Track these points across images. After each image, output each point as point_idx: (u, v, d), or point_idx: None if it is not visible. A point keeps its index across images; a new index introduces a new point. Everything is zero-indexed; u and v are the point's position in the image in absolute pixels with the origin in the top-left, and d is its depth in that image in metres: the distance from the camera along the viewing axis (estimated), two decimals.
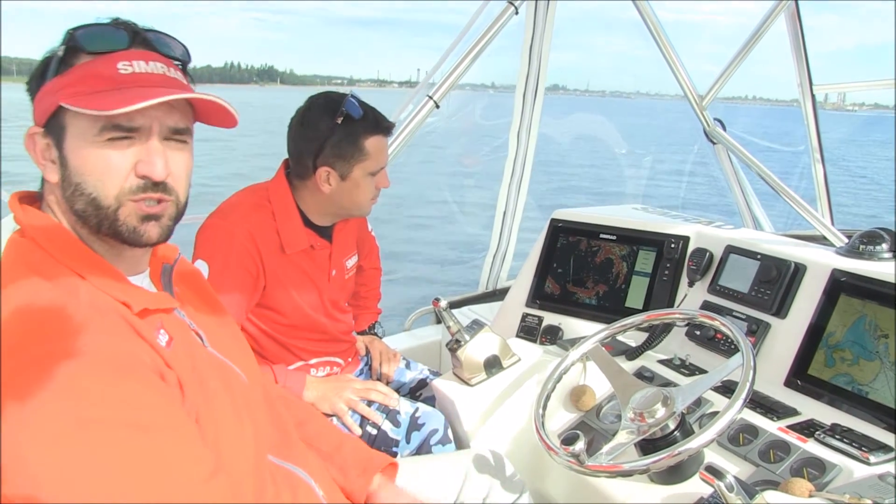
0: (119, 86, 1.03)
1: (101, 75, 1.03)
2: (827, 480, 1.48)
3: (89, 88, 1.02)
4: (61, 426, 0.85)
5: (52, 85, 1.04)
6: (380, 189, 2.06)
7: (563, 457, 1.49)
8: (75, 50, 1.05)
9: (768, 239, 2.30)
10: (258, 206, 1.97)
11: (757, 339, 1.99)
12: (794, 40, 3.57)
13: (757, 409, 1.77)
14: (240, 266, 1.89)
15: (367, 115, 1.95)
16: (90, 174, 1.04)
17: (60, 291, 0.98)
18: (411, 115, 2.98)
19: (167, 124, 1.07)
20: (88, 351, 0.90)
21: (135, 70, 1.04)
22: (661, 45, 3.31)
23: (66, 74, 1.04)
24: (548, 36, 3.25)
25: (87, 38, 1.05)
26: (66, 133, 1.04)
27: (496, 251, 3.70)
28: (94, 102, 0.99)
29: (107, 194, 1.04)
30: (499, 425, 1.96)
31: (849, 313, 1.83)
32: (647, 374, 2.02)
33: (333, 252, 2.12)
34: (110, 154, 1.03)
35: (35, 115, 1.07)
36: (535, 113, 3.41)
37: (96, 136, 1.02)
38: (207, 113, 1.13)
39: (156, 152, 1.05)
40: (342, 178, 1.97)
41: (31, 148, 1.08)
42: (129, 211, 1.06)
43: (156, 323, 1.08)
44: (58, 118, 1.04)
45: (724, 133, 3.63)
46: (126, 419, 0.90)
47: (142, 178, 1.05)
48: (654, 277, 2.40)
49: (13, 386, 0.86)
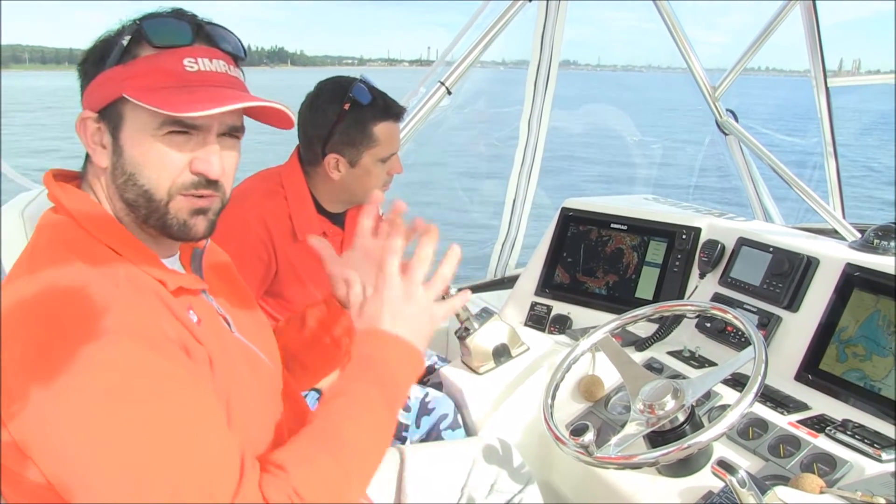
0: (185, 83, 1.03)
1: (167, 71, 1.03)
2: (838, 477, 1.47)
3: (156, 83, 1.02)
4: (87, 398, 0.86)
5: (116, 73, 1.03)
6: (392, 175, 2.04)
7: (572, 447, 1.48)
8: (140, 41, 1.04)
9: (781, 232, 2.28)
10: (271, 192, 1.96)
11: (768, 333, 1.97)
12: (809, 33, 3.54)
13: (767, 403, 1.76)
14: (253, 253, 1.88)
15: (375, 101, 1.94)
16: (146, 166, 1.04)
17: (96, 267, 0.99)
18: (422, 100, 2.97)
19: (227, 123, 1.08)
20: (116, 325, 0.91)
21: (200, 68, 1.05)
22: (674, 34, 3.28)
23: (129, 65, 1.03)
24: (560, 23, 3.23)
25: (153, 30, 1.04)
26: (124, 122, 1.04)
27: (505, 239, 3.69)
28: (161, 100, 0.99)
29: (160, 187, 1.05)
30: (507, 414, 1.95)
31: (862, 308, 1.81)
32: (657, 365, 2.01)
33: (346, 239, 2.11)
34: (168, 149, 1.04)
35: (88, 99, 1.07)
36: (546, 100, 3.39)
37: (156, 130, 1.02)
38: (263, 113, 1.13)
39: (214, 151, 1.06)
40: (352, 165, 1.96)
41: (81, 130, 1.08)
42: (180, 205, 1.07)
43: (185, 304, 1.08)
44: (116, 107, 1.04)
45: (737, 124, 3.61)
46: (152, 390, 0.90)
47: (196, 174, 1.06)
48: (665, 268, 2.38)
49: (42, 357, 0.87)
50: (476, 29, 3.03)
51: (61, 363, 0.86)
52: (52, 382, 0.85)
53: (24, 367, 0.87)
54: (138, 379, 0.90)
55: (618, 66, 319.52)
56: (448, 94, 2.96)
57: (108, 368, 0.88)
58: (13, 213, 1.46)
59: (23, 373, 0.87)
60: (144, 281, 1.03)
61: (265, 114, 1.13)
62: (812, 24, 3.51)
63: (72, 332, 0.89)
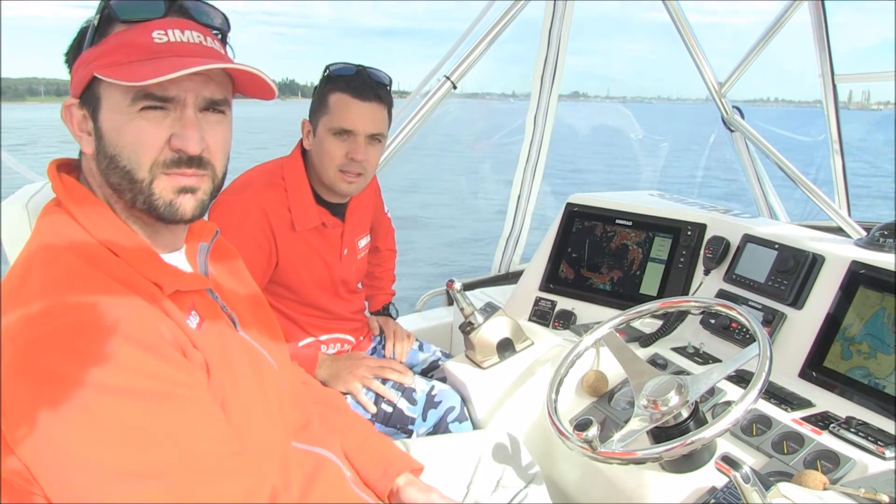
0: (153, 55, 1.00)
1: (134, 45, 1.00)
2: (841, 474, 1.47)
3: (123, 58, 1.00)
4: (82, 394, 0.85)
5: (88, 55, 1.02)
6: (353, 159, 1.94)
7: (576, 442, 1.48)
8: (110, 19, 1.02)
9: (786, 229, 2.28)
10: (271, 182, 1.97)
11: (772, 330, 1.97)
12: (816, 30, 3.53)
13: (771, 400, 1.76)
14: (253, 243, 1.89)
15: (345, 76, 1.94)
16: (124, 146, 1.02)
17: (91, 266, 0.97)
18: (428, 95, 2.97)
19: (203, 95, 1.05)
20: (113, 324, 0.90)
21: (170, 39, 1.02)
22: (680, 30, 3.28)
23: (100, 44, 1.02)
24: (567, 18, 3.22)
25: (122, 6, 1.02)
26: (100, 104, 1.03)
27: (510, 234, 3.69)
28: (126, 73, 0.97)
29: (141, 167, 1.02)
30: (511, 409, 1.96)
31: (867, 306, 1.81)
32: (661, 361, 2.01)
33: (346, 231, 2.11)
34: (143, 125, 1.01)
35: (71, 86, 1.06)
36: (552, 97, 3.39)
37: (129, 107, 1.00)
38: (245, 84, 1.11)
39: (190, 125, 1.03)
40: (314, 135, 1.98)
41: (67, 119, 1.07)
42: (164, 184, 1.04)
43: (187, 304, 1.06)
44: (92, 89, 1.03)
45: (742, 121, 3.61)
46: (148, 389, 0.90)
47: (176, 151, 1.03)
48: (670, 264, 2.38)
49: (36, 355, 0.86)
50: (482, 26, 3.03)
51: (64, 379, 0.85)
52: (45, 377, 0.85)
53: (27, 387, 0.85)
54: (141, 384, 0.89)
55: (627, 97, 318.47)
56: (454, 88, 2.96)
57: (109, 376, 0.87)
58: (17, 205, 1.46)
59: (25, 393, 0.85)
60: (138, 282, 1.00)
61: (248, 85, 1.10)
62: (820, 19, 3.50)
63: (69, 346, 0.87)
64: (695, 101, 21.63)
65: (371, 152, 1.97)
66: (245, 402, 1.09)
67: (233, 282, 1.29)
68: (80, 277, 0.95)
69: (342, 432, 1.50)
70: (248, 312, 1.26)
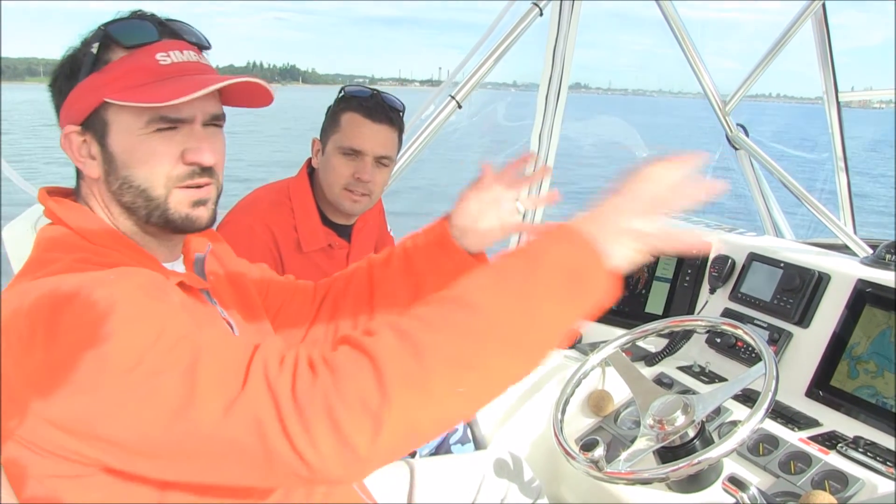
0: (162, 77, 1.04)
1: (143, 68, 1.04)
2: (850, 494, 1.47)
3: (135, 82, 1.03)
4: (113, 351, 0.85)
5: (92, 82, 1.04)
6: (359, 180, 1.94)
7: (582, 462, 1.48)
8: (109, 46, 1.05)
9: (791, 247, 2.27)
10: (278, 202, 1.97)
11: (778, 349, 1.97)
12: (820, 48, 3.53)
13: (778, 420, 1.75)
14: (260, 262, 1.89)
15: (359, 97, 1.95)
16: (138, 166, 1.05)
17: (97, 265, 0.99)
18: (433, 114, 2.98)
19: (209, 111, 1.09)
20: (124, 285, 0.91)
21: (173, 60, 1.06)
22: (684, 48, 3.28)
23: (104, 71, 1.04)
24: (572, 37, 3.23)
25: (121, 32, 1.05)
26: (109, 128, 1.05)
27: None
28: (143, 96, 1.00)
29: (156, 184, 1.06)
30: (516, 428, 1.95)
31: (873, 325, 1.81)
32: (667, 380, 2.01)
33: (352, 252, 2.11)
34: (157, 145, 1.05)
35: (67, 113, 1.07)
36: (557, 115, 3.39)
37: (142, 129, 1.03)
38: (234, 96, 1.14)
39: (203, 139, 1.08)
40: (323, 153, 1.99)
41: (66, 147, 1.09)
42: (179, 199, 1.08)
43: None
44: (99, 114, 1.05)
45: (747, 139, 3.60)
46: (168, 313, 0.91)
47: (190, 164, 1.07)
48: (675, 283, 2.38)
49: (58, 337, 0.86)
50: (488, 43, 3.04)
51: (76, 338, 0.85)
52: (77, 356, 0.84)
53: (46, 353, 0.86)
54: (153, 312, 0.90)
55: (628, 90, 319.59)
56: (458, 107, 2.97)
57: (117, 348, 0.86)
58: (25, 225, 1.46)
59: (45, 359, 0.86)
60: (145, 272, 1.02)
61: (238, 97, 1.14)
62: (823, 38, 3.50)
63: (83, 300, 0.88)
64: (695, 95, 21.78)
65: (378, 174, 1.97)
66: None
67: (233, 293, 1.31)
68: (86, 265, 0.98)
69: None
70: (245, 322, 1.27)
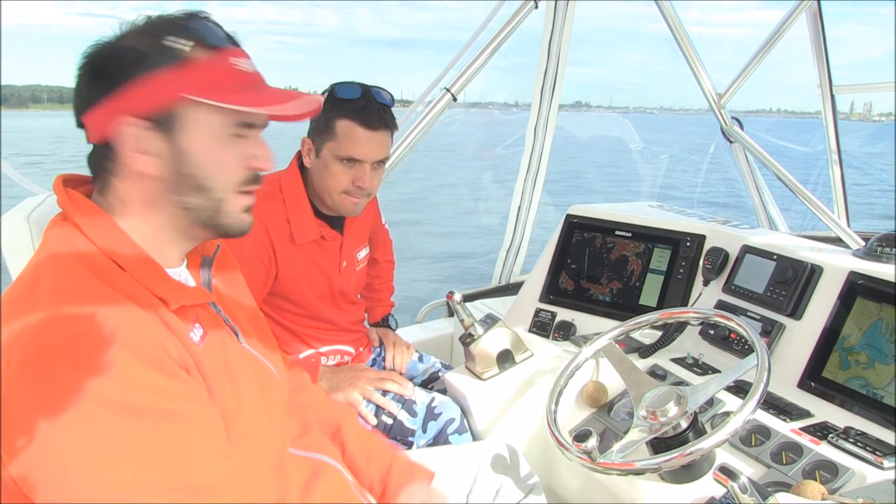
0: (244, 83, 1.06)
1: (227, 71, 1.04)
2: (840, 484, 1.48)
3: (221, 84, 1.03)
4: (86, 406, 0.85)
5: (167, 76, 1.01)
6: (360, 187, 1.97)
7: (575, 453, 1.49)
8: (189, 42, 1.03)
9: (785, 240, 2.29)
10: (269, 195, 1.97)
11: (771, 340, 1.98)
12: (815, 40, 3.55)
13: (770, 410, 1.76)
14: (253, 255, 1.90)
15: (352, 100, 1.93)
16: (206, 166, 1.06)
17: (98, 277, 0.98)
18: (428, 107, 2.98)
19: (265, 120, 1.11)
20: (119, 337, 0.90)
21: (245, 69, 1.07)
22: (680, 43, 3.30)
23: (184, 67, 1.02)
24: (567, 31, 3.24)
25: (204, 31, 1.04)
26: (185, 125, 1.03)
27: (510, 245, 3.70)
28: (236, 98, 1.02)
29: (220, 186, 1.08)
30: (510, 420, 1.96)
31: (865, 316, 1.82)
32: (660, 372, 2.02)
33: (344, 243, 2.12)
34: (231, 148, 1.07)
35: (125, 104, 1.02)
36: (552, 108, 3.40)
37: (223, 130, 1.05)
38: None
39: (265, 146, 1.11)
40: (317, 155, 1.98)
41: (117, 139, 1.04)
42: (234, 202, 1.10)
43: (191, 316, 1.07)
44: (173, 109, 1.02)
45: (742, 132, 3.62)
46: (151, 406, 0.90)
47: (255, 170, 1.10)
48: (669, 275, 2.39)
49: (45, 363, 0.87)
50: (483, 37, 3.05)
51: (70, 389, 0.85)
52: (61, 409, 0.85)
53: (32, 395, 0.86)
54: (144, 400, 0.90)
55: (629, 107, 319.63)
56: (453, 100, 2.98)
57: (114, 390, 0.87)
58: (19, 217, 1.46)
59: (29, 401, 0.85)
60: (143, 296, 1.01)
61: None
62: (817, 30, 3.52)
63: (77, 357, 0.88)
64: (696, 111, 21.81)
65: (375, 176, 2.00)
66: (247, 414, 1.10)
67: (233, 294, 1.30)
68: (89, 288, 0.96)
69: (350, 440, 1.51)
70: (248, 324, 1.27)
